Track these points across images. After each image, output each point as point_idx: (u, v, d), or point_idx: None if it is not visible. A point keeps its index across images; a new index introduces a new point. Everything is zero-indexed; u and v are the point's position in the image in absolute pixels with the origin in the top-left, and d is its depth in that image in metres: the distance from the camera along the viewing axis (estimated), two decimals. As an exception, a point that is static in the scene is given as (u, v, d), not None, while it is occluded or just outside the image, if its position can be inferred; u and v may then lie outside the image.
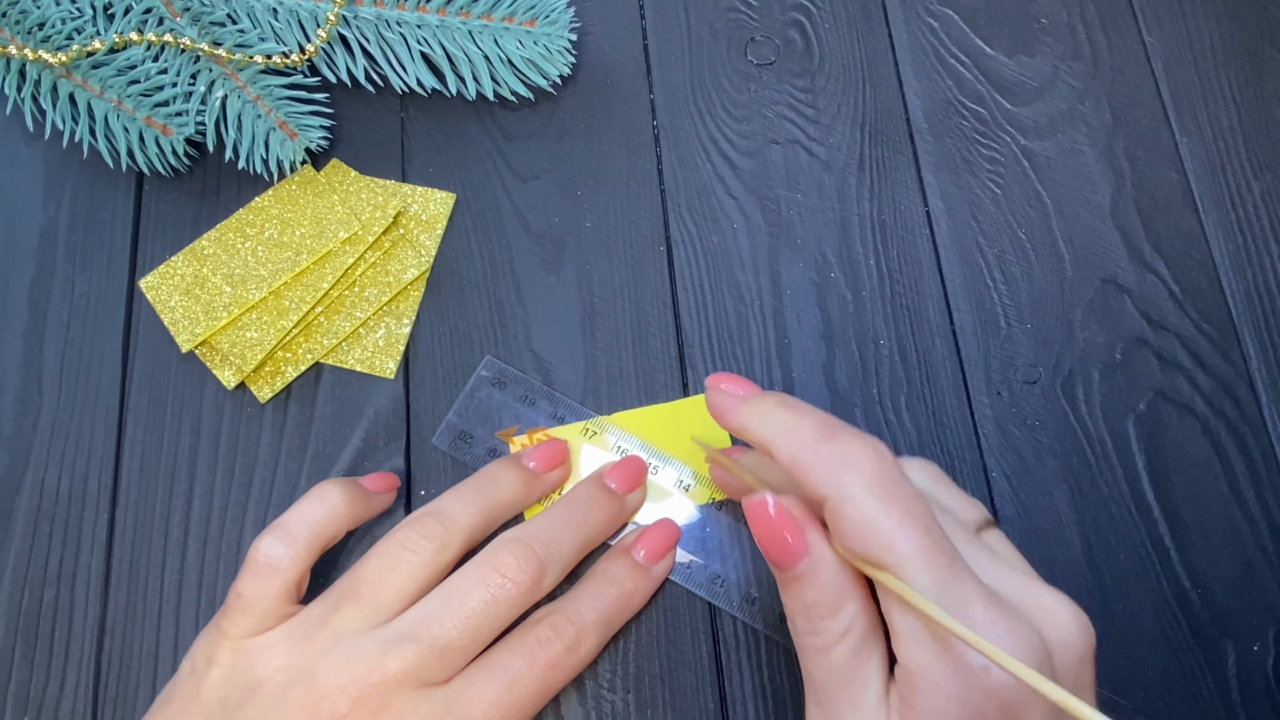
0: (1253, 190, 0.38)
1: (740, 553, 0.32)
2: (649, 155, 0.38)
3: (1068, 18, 0.41)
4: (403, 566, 0.28)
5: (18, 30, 0.35)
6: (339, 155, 0.38)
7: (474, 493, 0.30)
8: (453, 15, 0.37)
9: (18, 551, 0.33)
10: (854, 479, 0.23)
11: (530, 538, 0.29)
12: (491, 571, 0.28)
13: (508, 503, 0.31)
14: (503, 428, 0.34)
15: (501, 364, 0.34)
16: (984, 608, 0.22)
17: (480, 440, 0.34)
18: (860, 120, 0.39)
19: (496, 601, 0.27)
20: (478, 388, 0.34)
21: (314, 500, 0.29)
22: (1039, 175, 0.38)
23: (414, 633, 0.27)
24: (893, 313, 0.36)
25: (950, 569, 0.22)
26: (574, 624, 0.29)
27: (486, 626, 0.27)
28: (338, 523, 0.29)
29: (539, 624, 0.28)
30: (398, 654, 0.26)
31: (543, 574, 0.28)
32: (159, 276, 0.36)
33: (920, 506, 0.23)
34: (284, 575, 0.28)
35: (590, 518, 0.31)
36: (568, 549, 0.30)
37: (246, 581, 0.28)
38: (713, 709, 0.31)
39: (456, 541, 0.29)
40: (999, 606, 0.22)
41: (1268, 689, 0.32)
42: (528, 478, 0.31)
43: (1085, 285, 0.37)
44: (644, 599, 0.31)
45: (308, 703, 0.26)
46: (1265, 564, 0.33)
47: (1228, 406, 0.35)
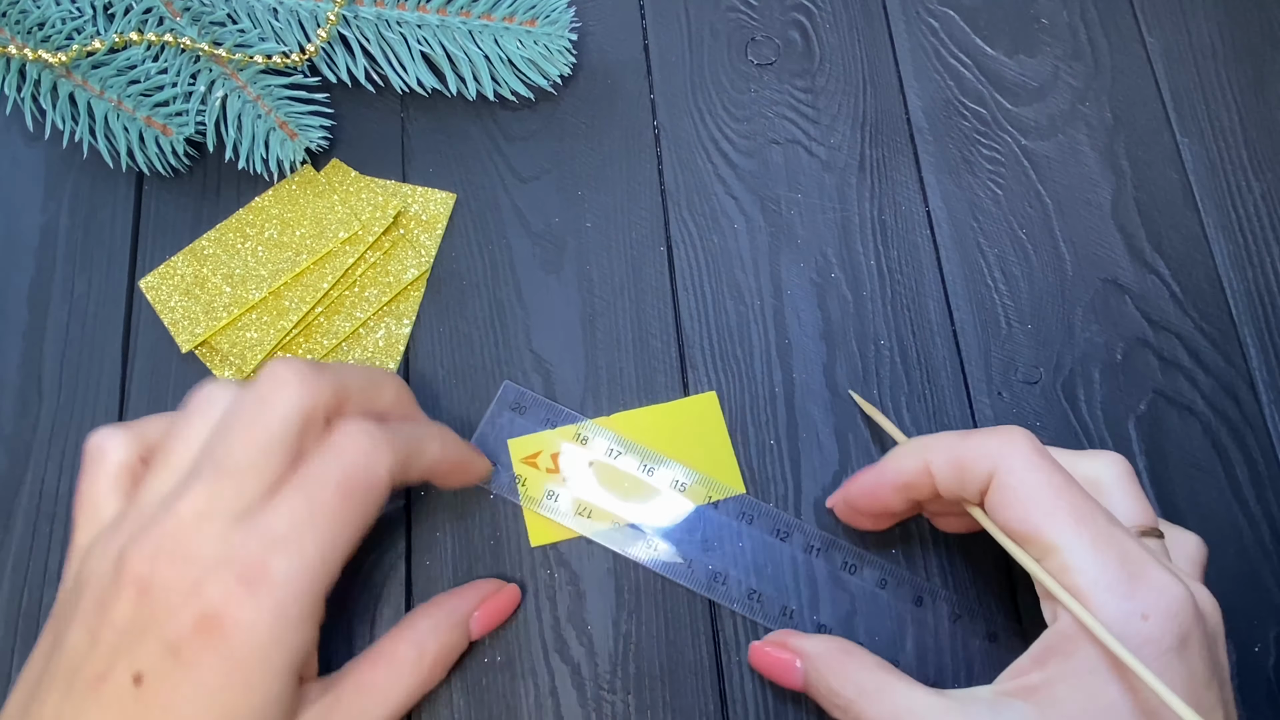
0: (1253, 190, 0.38)
1: (738, 549, 0.32)
2: (649, 155, 0.38)
3: (1068, 18, 0.41)
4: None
5: (18, 30, 0.35)
6: (339, 155, 0.38)
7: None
8: (453, 15, 0.37)
9: (17, 552, 0.33)
10: (1014, 453, 0.25)
11: (306, 361, 0.26)
12: (264, 380, 0.25)
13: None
14: (528, 453, 0.33)
15: (519, 388, 0.34)
16: (1157, 566, 0.24)
17: (506, 466, 0.33)
18: (861, 120, 0.39)
19: (272, 406, 0.25)
20: (498, 414, 0.34)
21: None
22: (1039, 175, 0.38)
23: (200, 469, 0.24)
24: (893, 313, 0.36)
25: (1110, 532, 0.24)
26: (375, 423, 0.26)
27: (268, 437, 0.25)
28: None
29: (339, 428, 0.26)
30: (192, 489, 0.24)
31: (316, 378, 0.25)
32: (159, 277, 0.36)
33: (1074, 482, 0.25)
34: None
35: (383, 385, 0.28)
36: (350, 377, 0.27)
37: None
38: (713, 710, 0.31)
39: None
40: (1168, 567, 0.24)
41: (1268, 689, 0.32)
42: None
43: (1086, 285, 0.37)
44: (460, 455, 0.29)
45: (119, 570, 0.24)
46: (1265, 564, 0.33)
47: (1228, 407, 0.35)
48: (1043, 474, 0.25)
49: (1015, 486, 0.25)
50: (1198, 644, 0.23)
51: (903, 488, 0.28)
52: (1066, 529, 0.24)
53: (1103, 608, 0.23)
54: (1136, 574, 0.23)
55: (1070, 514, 0.24)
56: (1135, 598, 0.23)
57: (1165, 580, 0.23)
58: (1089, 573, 0.23)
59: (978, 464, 0.26)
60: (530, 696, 0.31)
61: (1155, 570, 0.24)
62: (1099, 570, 0.23)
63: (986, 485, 0.26)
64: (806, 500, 0.33)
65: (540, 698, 0.31)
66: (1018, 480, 0.25)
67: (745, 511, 0.33)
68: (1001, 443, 0.26)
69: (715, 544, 0.32)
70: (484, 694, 0.31)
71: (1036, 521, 0.24)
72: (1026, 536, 0.25)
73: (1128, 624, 0.23)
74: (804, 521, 0.33)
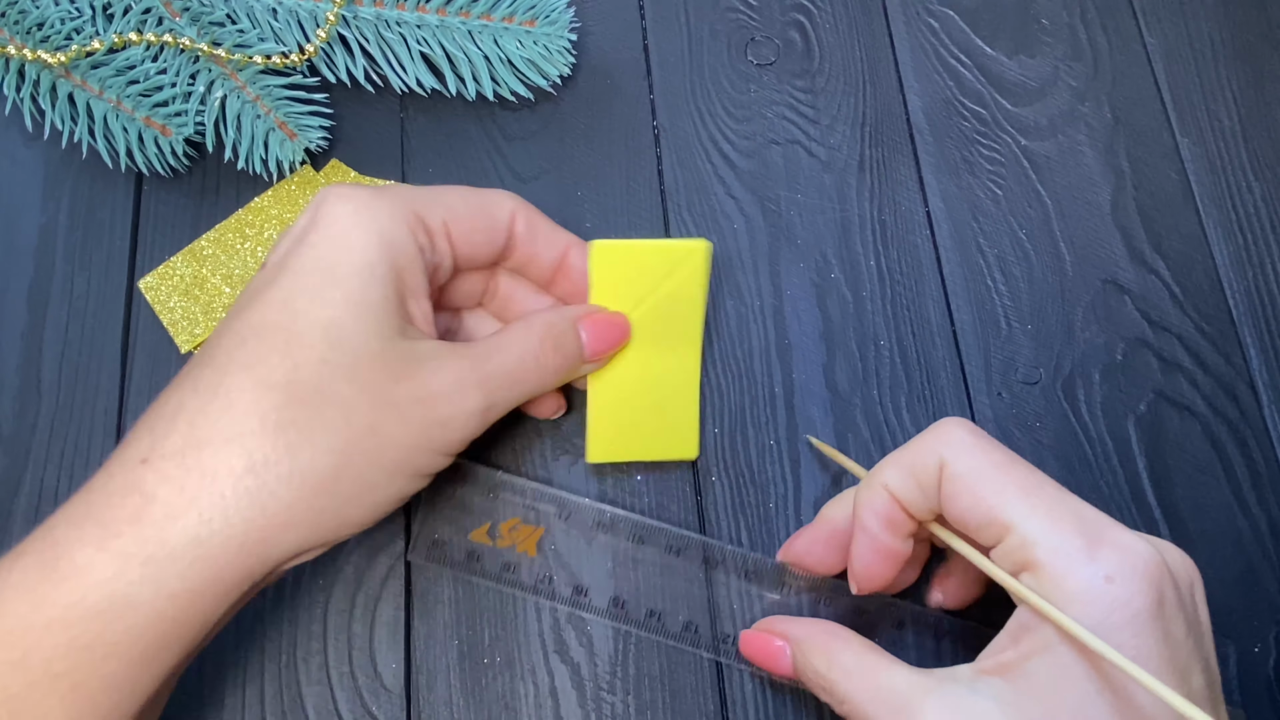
0: (1253, 190, 0.38)
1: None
2: (649, 156, 0.38)
3: (1068, 18, 0.41)
4: None
5: (17, 30, 0.35)
6: (338, 156, 0.38)
7: None
8: (452, 15, 0.37)
9: (16, 552, 0.33)
10: (952, 442, 0.25)
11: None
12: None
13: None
14: (476, 528, 0.32)
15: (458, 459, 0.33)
16: (1116, 528, 0.23)
17: (456, 545, 0.32)
18: (860, 120, 0.39)
19: None
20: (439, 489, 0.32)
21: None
22: (1039, 176, 0.38)
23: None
24: (893, 313, 0.36)
25: (1062, 501, 0.24)
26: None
27: None
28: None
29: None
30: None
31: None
32: (158, 277, 0.36)
33: (1017, 458, 0.25)
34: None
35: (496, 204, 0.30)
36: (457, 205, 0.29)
37: None
38: (712, 710, 0.31)
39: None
40: (1131, 533, 0.24)
41: (1269, 690, 0.32)
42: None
43: (1086, 286, 0.37)
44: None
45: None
46: (1265, 565, 0.33)
47: (1228, 407, 0.35)
48: (985, 456, 0.25)
49: (961, 474, 0.25)
50: (1171, 602, 0.23)
51: (885, 521, 0.27)
52: (1017, 503, 0.24)
53: (1065, 575, 0.23)
54: (1095, 538, 0.23)
55: (1018, 488, 0.24)
56: (1097, 561, 0.23)
57: (1127, 540, 0.23)
58: (1046, 543, 0.23)
59: (926, 463, 0.26)
60: (530, 697, 0.31)
61: (1115, 531, 0.23)
62: (1057, 539, 0.23)
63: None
64: (806, 501, 0.33)
65: (540, 698, 0.31)
66: (962, 467, 0.25)
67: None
68: (939, 436, 0.26)
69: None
70: (484, 694, 0.31)
71: (989, 503, 0.24)
72: (982, 522, 0.25)
73: (1092, 589, 0.22)
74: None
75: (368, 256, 0.26)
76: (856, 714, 0.25)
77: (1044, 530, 0.23)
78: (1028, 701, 0.23)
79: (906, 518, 0.27)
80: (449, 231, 0.28)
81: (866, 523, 0.27)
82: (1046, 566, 0.23)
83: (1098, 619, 0.22)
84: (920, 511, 0.27)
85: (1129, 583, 0.22)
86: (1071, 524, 0.23)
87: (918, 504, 0.26)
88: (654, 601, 0.32)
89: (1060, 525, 0.23)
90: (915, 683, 0.25)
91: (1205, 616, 0.24)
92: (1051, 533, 0.23)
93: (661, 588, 0.32)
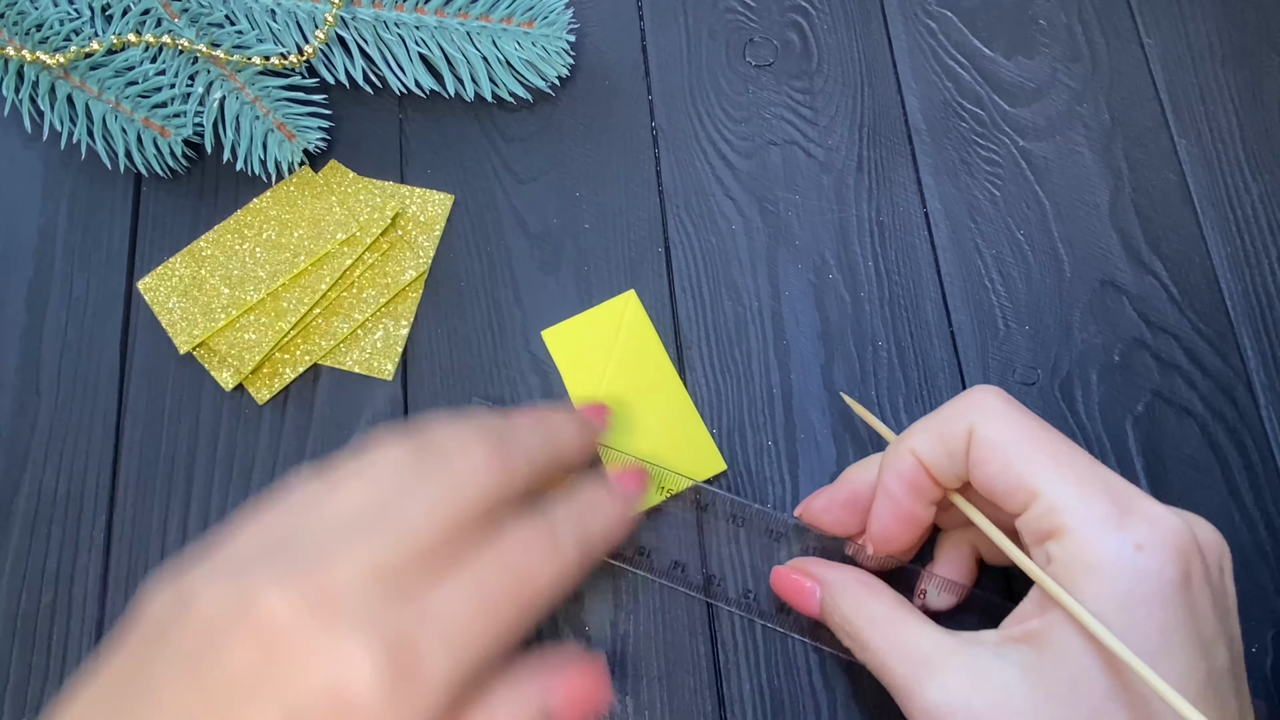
0: (1251, 191, 0.38)
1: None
2: (647, 157, 0.38)
3: (1066, 19, 0.41)
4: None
5: (16, 31, 0.35)
6: (337, 156, 0.38)
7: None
8: (451, 16, 0.37)
9: (15, 553, 0.33)
10: (985, 409, 0.25)
11: (489, 425, 0.25)
12: (455, 453, 0.24)
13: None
14: None
15: (489, 405, 0.34)
16: (1147, 499, 0.23)
17: None
18: (859, 121, 0.39)
19: (460, 485, 0.23)
20: None
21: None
22: (1037, 177, 0.38)
23: (366, 523, 0.22)
24: (891, 314, 0.36)
25: (1093, 470, 0.24)
26: (549, 527, 0.24)
27: (450, 516, 0.23)
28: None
29: (512, 530, 0.24)
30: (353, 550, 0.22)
31: (507, 458, 0.24)
32: (157, 278, 0.36)
33: (1050, 427, 0.25)
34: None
35: (562, 432, 0.27)
36: (536, 449, 0.26)
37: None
38: (710, 710, 0.31)
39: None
40: (1161, 505, 0.23)
41: (1267, 691, 0.32)
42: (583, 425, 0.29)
43: (1083, 286, 0.37)
44: (622, 527, 0.27)
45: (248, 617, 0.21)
46: (1262, 565, 0.33)
47: (1226, 408, 0.35)
48: (1016, 423, 0.25)
49: (992, 441, 0.25)
50: (1199, 576, 0.23)
51: (909, 486, 0.27)
52: (1047, 470, 0.24)
53: (1093, 542, 0.23)
54: (1126, 507, 0.23)
55: (1049, 456, 0.24)
56: (1126, 529, 0.23)
57: (1158, 512, 0.23)
58: (1076, 510, 0.23)
59: (955, 430, 0.25)
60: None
61: (1146, 503, 0.23)
62: (1086, 506, 0.23)
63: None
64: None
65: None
66: (994, 433, 0.25)
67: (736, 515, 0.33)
68: (971, 403, 0.26)
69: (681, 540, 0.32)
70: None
71: (1017, 470, 0.24)
72: (1009, 488, 0.24)
73: (1121, 557, 0.22)
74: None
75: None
76: (877, 664, 0.25)
77: (1073, 497, 0.23)
78: (1052, 670, 0.23)
79: (931, 484, 0.27)
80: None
81: (890, 487, 0.27)
82: (1074, 532, 0.23)
83: (1125, 588, 0.22)
84: (947, 478, 0.26)
85: (1158, 553, 0.22)
86: (1102, 492, 0.23)
87: (945, 470, 0.26)
88: (647, 539, 0.32)
89: (1090, 493, 0.23)
90: (940, 642, 0.24)
91: (1232, 592, 0.24)
92: (1081, 500, 0.23)
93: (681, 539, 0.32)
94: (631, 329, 0.35)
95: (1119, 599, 0.22)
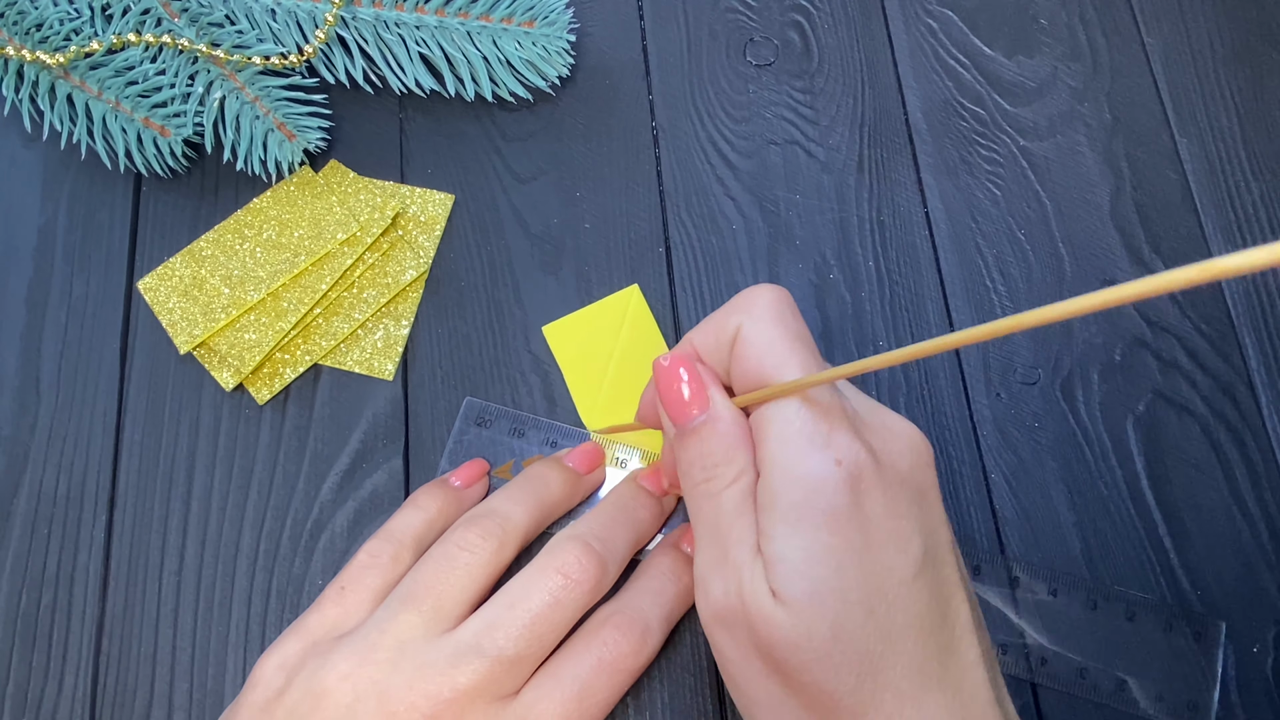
0: (1252, 191, 0.38)
1: None
2: (648, 156, 0.38)
3: (1067, 18, 0.41)
4: (460, 568, 0.28)
5: (15, 31, 0.35)
6: (337, 156, 0.38)
7: (525, 492, 0.30)
8: (451, 16, 0.37)
9: (15, 553, 0.33)
10: (756, 308, 0.25)
11: (587, 534, 0.28)
12: (553, 573, 0.27)
13: (558, 500, 0.31)
14: (499, 465, 0.33)
15: (482, 402, 0.34)
16: (848, 428, 0.24)
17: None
18: (859, 121, 0.39)
19: (560, 604, 0.27)
20: (464, 431, 0.34)
21: (413, 509, 0.30)
22: (1038, 176, 0.38)
23: (479, 644, 0.26)
24: (892, 314, 0.36)
25: (824, 391, 0.24)
26: (638, 622, 0.28)
27: (551, 631, 0.27)
28: (434, 529, 0.30)
29: (604, 626, 0.28)
30: (466, 668, 0.26)
31: (604, 571, 0.28)
32: (157, 278, 0.36)
33: (808, 335, 0.26)
34: (385, 574, 0.28)
35: (638, 514, 0.30)
36: (623, 545, 0.29)
37: (350, 576, 0.28)
38: (711, 710, 0.31)
39: (513, 540, 0.29)
40: (864, 423, 0.25)
41: (1267, 690, 0.32)
42: (573, 477, 0.31)
43: (1084, 286, 0.37)
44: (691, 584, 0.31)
45: (380, 719, 0.26)
46: (1265, 565, 0.33)
47: (1227, 407, 0.35)
48: (780, 329, 0.25)
49: (753, 339, 0.25)
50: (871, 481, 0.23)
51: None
52: (788, 376, 0.24)
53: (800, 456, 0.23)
54: (836, 425, 0.24)
55: (799, 370, 0.24)
56: (831, 446, 0.23)
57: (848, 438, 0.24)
58: (794, 422, 0.24)
59: (727, 325, 0.26)
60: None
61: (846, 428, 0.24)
62: (802, 421, 0.24)
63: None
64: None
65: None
66: (757, 333, 0.25)
67: None
68: (746, 301, 0.26)
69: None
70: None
71: (766, 373, 0.24)
72: (755, 386, 0.25)
73: (821, 469, 0.23)
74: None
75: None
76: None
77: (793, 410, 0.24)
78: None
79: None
80: None
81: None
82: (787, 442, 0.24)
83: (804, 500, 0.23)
84: (721, 366, 0.27)
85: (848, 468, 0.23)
86: (821, 412, 0.24)
87: (718, 361, 0.27)
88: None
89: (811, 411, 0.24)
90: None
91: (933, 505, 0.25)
92: (799, 415, 0.24)
93: None
94: (634, 325, 0.35)
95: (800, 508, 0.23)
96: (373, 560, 0.29)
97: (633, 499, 0.31)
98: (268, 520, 0.33)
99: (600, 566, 0.28)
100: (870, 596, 0.23)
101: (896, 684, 0.23)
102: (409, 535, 0.29)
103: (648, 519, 0.31)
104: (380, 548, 0.29)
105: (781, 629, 0.23)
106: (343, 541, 0.33)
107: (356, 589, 0.28)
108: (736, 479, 0.25)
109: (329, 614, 0.28)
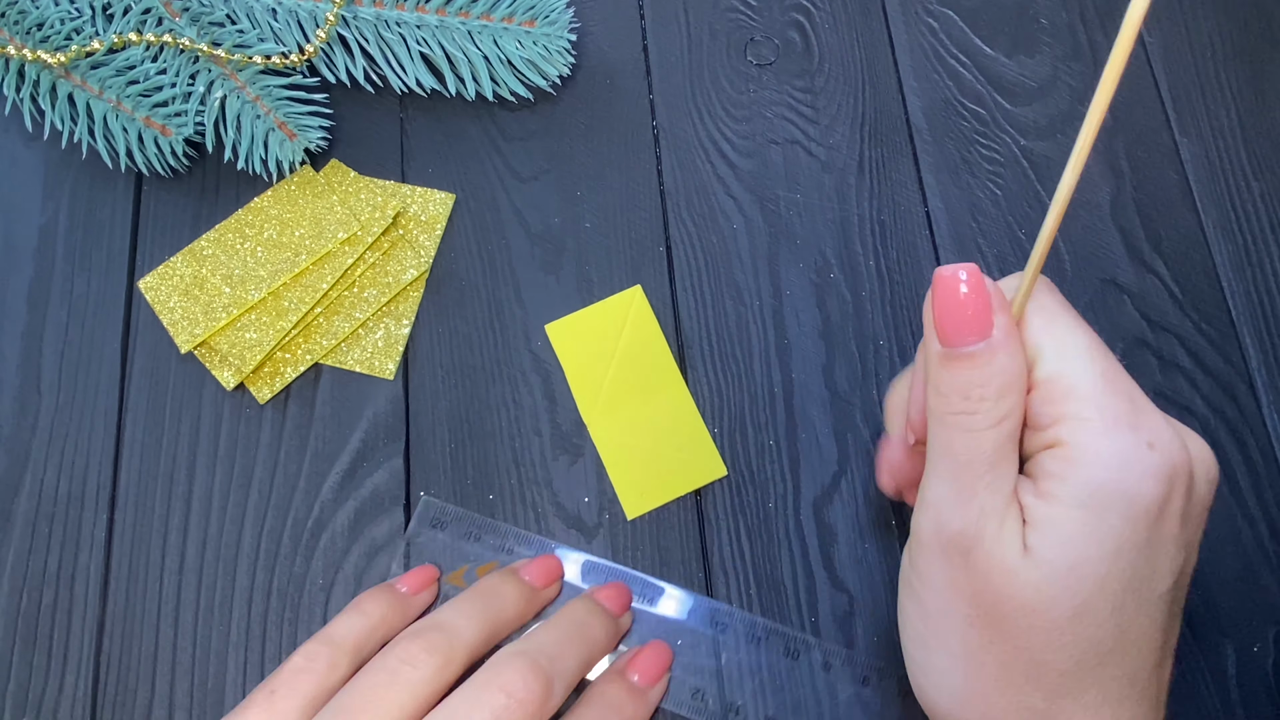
0: (1252, 190, 0.38)
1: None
2: (648, 156, 0.38)
3: (1067, 18, 0.41)
4: (401, 683, 0.26)
5: (16, 30, 0.35)
6: (338, 156, 0.38)
7: (476, 606, 0.29)
8: (452, 15, 0.37)
9: (16, 552, 0.33)
10: (1046, 294, 0.24)
11: (534, 651, 0.27)
12: (496, 691, 0.26)
13: (510, 618, 0.29)
14: (451, 571, 0.32)
15: (440, 503, 0.33)
16: (1160, 416, 0.23)
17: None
18: (860, 120, 0.39)
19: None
20: (417, 533, 0.32)
21: (356, 614, 0.29)
22: (1039, 176, 0.38)
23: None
24: (892, 313, 0.36)
25: (1120, 373, 0.23)
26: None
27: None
28: (376, 637, 0.29)
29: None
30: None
31: (549, 693, 0.26)
32: (158, 277, 0.36)
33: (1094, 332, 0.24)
34: (320, 681, 0.27)
35: (591, 633, 0.29)
36: (573, 665, 0.28)
37: (282, 680, 0.27)
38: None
39: (460, 657, 0.27)
40: (1169, 419, 0.23)
41: (1268, 690, 0.32)
42: (527, 592, 0.30)
43: (1085, 286, 0.37)
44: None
45: None
46: (1265, 565, 0.33)
47: (1227, 407, 0.35)
48: (1067, 311, 0.24)
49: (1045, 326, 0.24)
50: (1182, 485, 0.23)
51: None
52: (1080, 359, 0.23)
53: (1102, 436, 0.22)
54: (1142, 409, 0.23)
55: (1087, 351, 0.23)
56: (1141, 429, 0.22)
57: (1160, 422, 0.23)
58: (1099, 398, 0.23)
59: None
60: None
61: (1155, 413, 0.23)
62: (1107, 398, 0.22)
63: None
64: (805, 501, 0.33)
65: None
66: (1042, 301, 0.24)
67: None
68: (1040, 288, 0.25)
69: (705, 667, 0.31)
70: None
71: (1043, 342, 0.23)
72: (1030, 357, 0.24)
73: (1134, 451, 0.22)
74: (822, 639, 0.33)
75: None
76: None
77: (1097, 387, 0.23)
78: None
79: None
80: None
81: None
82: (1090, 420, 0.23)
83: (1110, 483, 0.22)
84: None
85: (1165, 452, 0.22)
86: (1124, 390, 0.23)
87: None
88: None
89: (1114, 388, 0.23)
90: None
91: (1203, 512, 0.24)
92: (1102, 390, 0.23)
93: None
94: (636, 326, 0.35)
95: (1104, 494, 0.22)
96: (308, 664, 0.27)
97: (588, 616, 0.29)
98: (268, 519, 0.33)
99: (546, 687, 0.26)
100: (1124, 593, 0.22)
101: (1105, 684, 0.22)
102: (349, 641, 0.28)
103: (602, 639, 0.29)
104: (317, 651, 0.27)
105: (1024, 588, 0.22)
106: (343, 541, 0.33)
107: (288, 695, 0.26)
108: (1001, 420, 0.23)
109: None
